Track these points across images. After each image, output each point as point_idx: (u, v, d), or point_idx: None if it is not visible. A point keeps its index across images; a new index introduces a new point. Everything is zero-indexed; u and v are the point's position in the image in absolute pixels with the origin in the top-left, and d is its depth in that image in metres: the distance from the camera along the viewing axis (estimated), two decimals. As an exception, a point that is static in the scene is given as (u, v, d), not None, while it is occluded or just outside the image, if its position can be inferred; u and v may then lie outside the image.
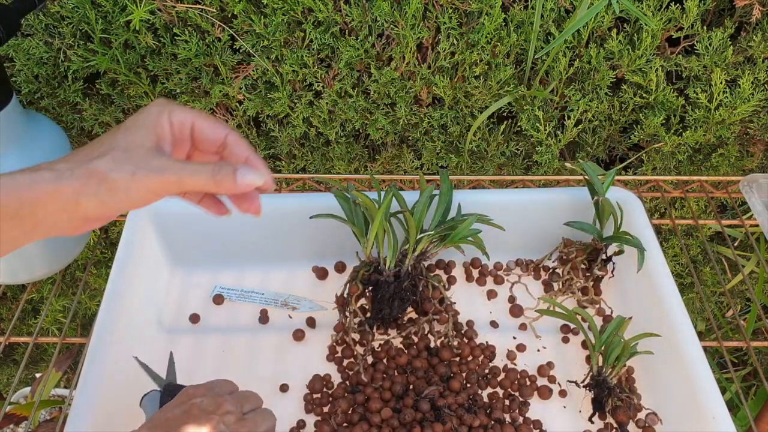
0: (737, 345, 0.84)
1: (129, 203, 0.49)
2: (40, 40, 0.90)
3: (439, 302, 0.78)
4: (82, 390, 0.67)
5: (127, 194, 0.48)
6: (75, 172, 0.48)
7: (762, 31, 0.90)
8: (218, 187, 0.50)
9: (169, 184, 0.49)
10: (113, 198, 0.48)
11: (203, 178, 0.49)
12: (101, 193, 0.48)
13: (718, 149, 1.03)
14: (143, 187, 0.48)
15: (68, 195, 0.47)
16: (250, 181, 0.50)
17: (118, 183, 0.48)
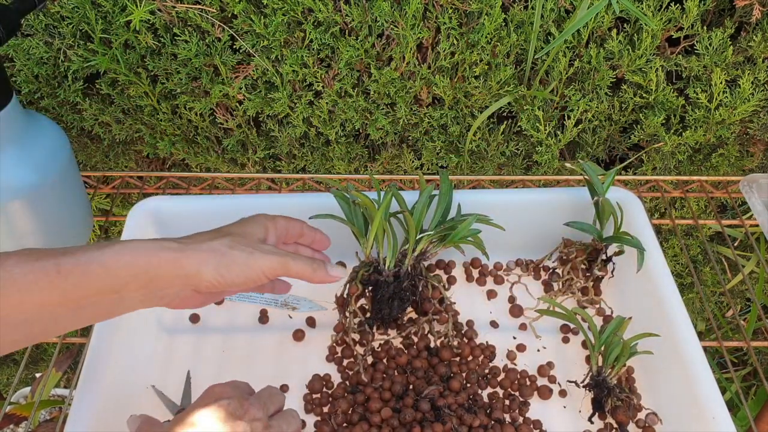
0: (737, 345, 0.84)
1: (242, 279, 0.57)
2: (40, 40, 0.90)
3: (439, 302, 0.78)
4: (82, 390, 0.67)
5: (242, 269, 0.57)
6: (198, 247, 0.56)
7: (762, 31, 0.90)
8: (313, 276, 0.61)
9: (277, 266, 0.58)
10: (230, 272, 0.56)
11: (303, 266, 0.60)
12: (221, 266, 0.56)
13: (718, 149, 1.03)
14: (257, 265, 0.57)
15: (191, 264, 0.55)
16: (337, 274, 0.63)
17: (237, 259, 0.57)
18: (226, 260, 0.56)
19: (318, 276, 0.61)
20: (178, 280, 0.55)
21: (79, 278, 0.51)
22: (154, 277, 0.54)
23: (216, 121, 1.00)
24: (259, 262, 0.58)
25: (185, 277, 0.55)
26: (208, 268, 0.56)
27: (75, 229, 0.86)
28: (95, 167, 1.09)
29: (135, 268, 0.54)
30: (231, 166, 1.07)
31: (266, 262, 0.58)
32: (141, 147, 1.06)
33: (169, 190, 1.01)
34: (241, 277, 0.57)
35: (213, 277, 0.56)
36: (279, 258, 0.59)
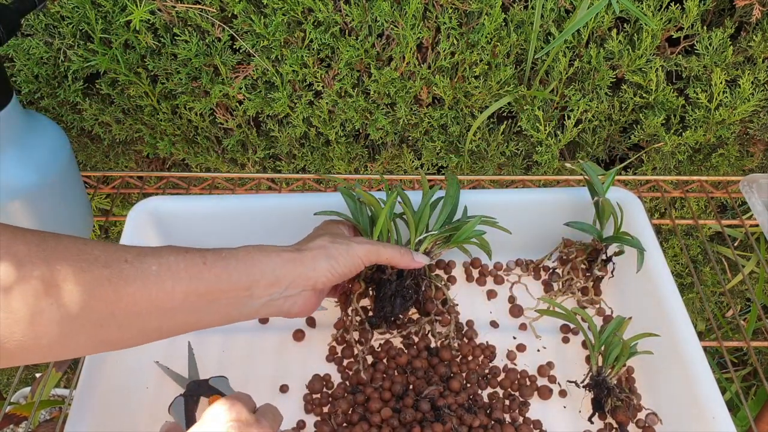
0: (737, 345, 0.84)
1: (347, 269, 0.63)
2: (40, 40, 0.90)
3: (442, 303, 0.78)
4: (82, 390, 0.67)
5: (346, 259, 0.63)
6: (308, 246, 0.63)
7: (762, 31, 0.90)
8: (401, 260, 0.68)
9: (372, 252, 0.65)
10: (338, 263, 0.63)
11: (392, 252, 0.67)
12: (330, 259, 0.62)
13: (718, 149, 1.03)
14: (355, 253, 0.64)
15: (307, 262, 0.61)
16: (421, 260, 0.70)
17: (340, 250, 0.63)
18: (333, 252, 0.63)
19: (405, 260, 0.68)
20: (299, 279, 0.60)
21: (221, 270, 0.56)
22: (280, 277, 0.59)
23: (216, 121, 1.00)
24: (357, 250, 0.64)
25: (305, 275, 0.61)
26: (321, 263, 0.62)
27: (75, 229, 0.86)
28: (95, 167, 1.09)
29: (264, 265, 0.58)
30: (231, 166, 1.07)
31: (363, 250, 0.65)
32: (141, 147, 1.06)
33: (169, 190, 1.01)
34: (347, 266, 0.63)
35: (327, 270, 0.62)
36: (372, 246, 0.66)
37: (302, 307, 0.63)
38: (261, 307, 0.60)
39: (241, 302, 0.58)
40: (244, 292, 0.58)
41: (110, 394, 0.69)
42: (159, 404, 0.73)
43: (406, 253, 0.69)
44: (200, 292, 0.55)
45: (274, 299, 0.60)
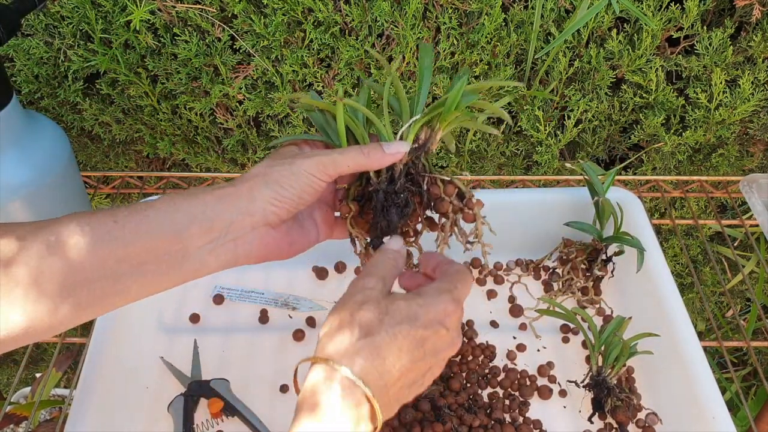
0: (737, 345, 0.84)
1: (297, 191, 0.54)
2: (40, 40, 0.90)
3: (458, 198, 0.61)
4: (82, 390, 0.67)
5: (290, 180, 0.53)
6: (243, 178, 0.54)
7: (762, 31, 0.90)
8: (369, 161, 0.56)
9: (324, 163, 0.54)
10: (282, 186, 0.53)
11: (353, 154, 0.55)
12: (270, 184, 0.53)
13: (718, 149, 1.03)
14: (301, 169, 0.53)
15: (243, 194, 0.53)
16: (396, 150, 0.57)
17: (282, 172, 0.53)
18: (274, 176, 0.53)
19: (374, 158, 0.56)
20: (240, 216, 0.52)
21: (136, 225, 0.49)
22: (214, 218, 0.51)
23: (216, 121, 1.00)
24: (302, 165, 0.54)
25: (245, 210, 0.52)
26: (261, 192, 0.53)
27: (75, 229, 0.86)
28: (95, 167, 1.09)
29: (192, 208, 0.51)
30: (231, 166, 1.07)
31: (311, 163, 0.54)
32: (141, 147, 1.06)
33: (169, 191, 1.01)
34: (296, 187, 0.54)
35: (270, 198, 0.53)
36: (323, 155, 0.55)
37: (262, 249, 0.54)
38: (207, 259, 0.52)
39: (175, 258, 0.50)
40: (175, 244, 0.50)
41: (110, 394, 0.69)
42: (158, 404, 0.73)
43: (373, 149, 0.56)
44: (118, 255, 0.48)
45: (220, 246, 0.52)
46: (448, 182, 0.60)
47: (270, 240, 0.54)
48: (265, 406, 0.74)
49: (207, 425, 0.72)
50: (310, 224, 0.60)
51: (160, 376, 0.76)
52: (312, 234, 0.60)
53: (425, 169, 0.61)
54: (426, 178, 0.60)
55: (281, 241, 0.56)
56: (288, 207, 0.54)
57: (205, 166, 1.07)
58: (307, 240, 0.59)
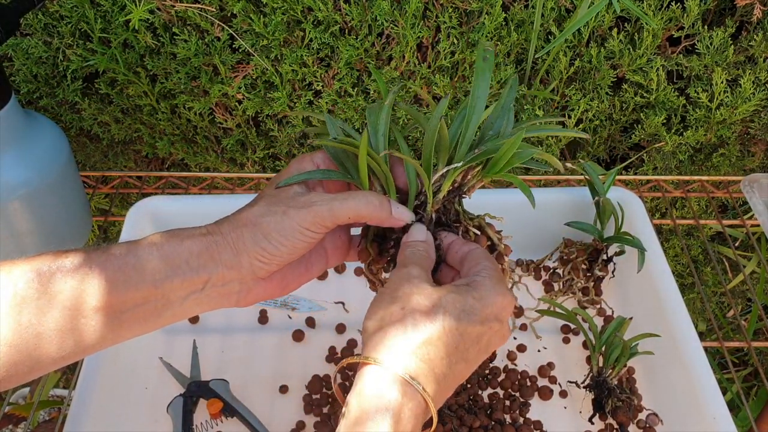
0: (738, 345, 0.84)
1: (287, 248, 0.49)
2: (38, 39, 0.90)
3: (489, 249, 0.55)
4: (81, 390, 0.67)
5: (280, 236, 0.48)
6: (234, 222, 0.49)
7: (763, 30, 0.90)
8: (373, 213, 0.51)
9: (320, 216, 0.49)
10: (270, 243, 0.48)
11: (358, 204, 0.50)
12: (258, 239, 0.48)
13: (719, 149, 1.03)
14: (293, 224, 0.48)
15: (225, 249, 0.48)
16: (401, 217, 0.52)
17: (271, 225, 0.48)
18: (262, 230, 0.48)
19: (377, 215, 0.50)
20: (224, 270, 0.48)
21: (113, 274, 0.46)
22: (198, 269, 0.48)
23: (215, 121, 0.99)
24: (296, 218, 0.48)
25: (230, 264, 0.48)
26: (246, 245, 0.48)
27: (74, 229, 0.86)
28: (94, 167, 1.09)
29: (175, 258, 0.47)
30: (230, 166, 1.07)
31: (305, 216, 0.48)
32: (140, 147, 1.06)
33: (168, 190, 1.01)
34: (286, 245, 0.48)
35: (257, 254, 0.48)
36: (319, 207, 0.48)
37: (252, 297, 0.51)
38: (190, 306, 0.49)
39: (155, 307, 0.48)
40: (155, 294, 0.47)
41: (109, 395, 0.69)
42: (158, 404, 0.73)
43: (381, 204, 0.50)
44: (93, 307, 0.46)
45: (203, 295, 0.49)
46: (480, 233, 0.55)
47: (260, 290, 0.51)
48: (264, 407, 0.73)
49: (206, 426, 0.72)
50: (316, 258, 0.56)
51: (159, 376, 0.76)
52: (317, 267, 0.56)
53: (457, 215, 0.55)
54: (460, 227, 0.54)
55: (274, 287, 0.52)
56: (278, 261, 0.50)
57: (204, 166, 1.07)
58: (309, 274, 0.55)
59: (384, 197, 0.52)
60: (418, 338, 0.43)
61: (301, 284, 0.55)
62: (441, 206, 0.54)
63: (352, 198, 0.50)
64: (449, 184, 0.53)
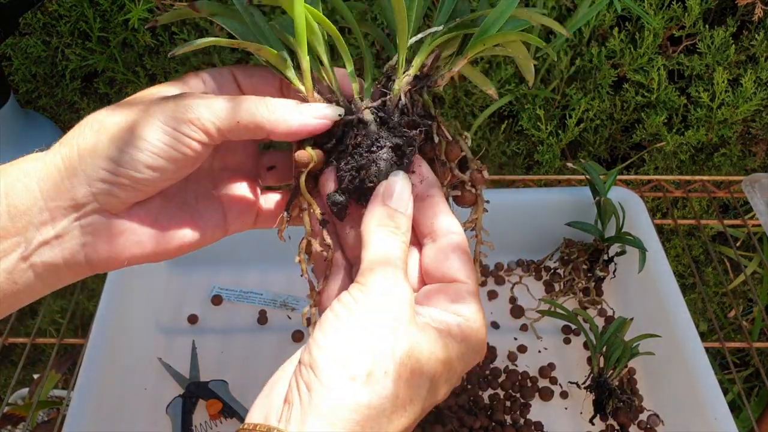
0: (739, 346, 0.83)
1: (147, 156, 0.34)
2: (37, 38, 0.90)
3: (459, 166, 0.43)
4: (80, 391, 0.67)
5: (136, 137, 0.35)
6: (65, 137, 0.36)
7: (764, 29, 0.90)
8: (272, 117, 0.36)
9: (195, 112, 0.35)
10: (121, 150, 0.34)
11: (250, 105, 0.36)
12: (102, 147, 0.34)
13: (721, 149, 1.03)
14: (157, 121, 0.35)
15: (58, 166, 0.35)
16: (318, 115, 0.37)
17: (122, 126, 0.35)
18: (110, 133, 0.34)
19: (282, 119, 0.36)
20: (52, 204, 0.34)
21: None
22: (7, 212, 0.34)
23: (215, 121, 0.99)
24: (156, 117, 0.34)
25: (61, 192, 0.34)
26: (86, 159, 0.34)
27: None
28: (94, 167, 1.09)
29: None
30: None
31: (172, 113, 0.34)
32: (140, 146, 1.05)
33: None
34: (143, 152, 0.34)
35: (102, 169, 0.34)
36: (196, 101, 0.35)
37: (116, 250, 0.36)
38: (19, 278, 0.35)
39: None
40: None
41: (108, 396, 0.69)
42: (157, 405, 0.73)
43: (282, 106, 0.37)
44: None
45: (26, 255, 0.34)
46: (453, 143, 0.42)
47: (120, 237, 0.36)
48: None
49: (205, 427, 0.72)
50: (206, 206, 0.40)
51: (159, 377, 0.76)
52: (208, 221, 0.40)
53: (427, 110, 0.41)
54: (432, 123, 0.41)
55: (144, 235, 0.36)
56: (137, 184, 0.34)
57: (204, 166, 1.07)
58: (199, 230, 0.39)
59: (285, 100, 0.37)
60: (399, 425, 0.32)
61: (188, 245, 0.39)
62: (410, 89, 0.40)
63: (245, 99, 0.36)
64: (424, 57, 0.40)
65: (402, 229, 0.36)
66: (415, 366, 0.32)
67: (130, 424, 0.71)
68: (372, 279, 0.34)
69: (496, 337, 0.80)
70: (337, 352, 0.31)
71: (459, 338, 0.35)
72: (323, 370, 0.31)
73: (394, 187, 0.37)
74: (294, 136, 0.37)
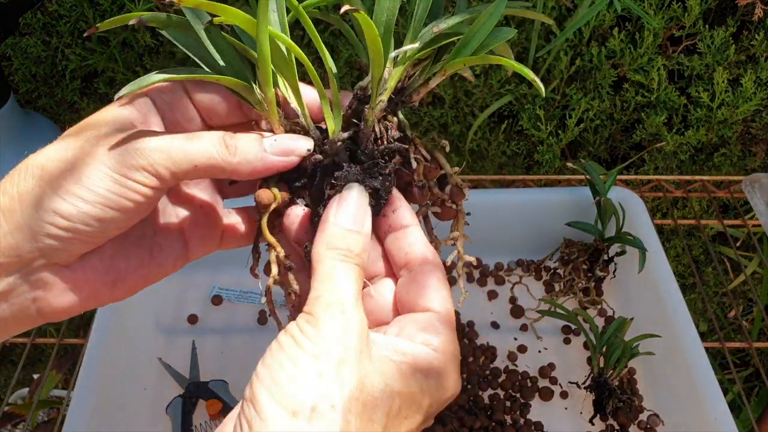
0: (739, 346, 0.83)
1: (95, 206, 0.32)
2: (37, 38, 0.90)
3: (438, 183, 0.41)
4: (80, 391, 0.67)
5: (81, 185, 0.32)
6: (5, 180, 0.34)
7: (764, 29, 0.90)
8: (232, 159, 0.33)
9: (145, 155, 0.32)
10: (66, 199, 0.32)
11: (206, 145, 0.33)
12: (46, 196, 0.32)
13: (720, 149, 1.03)
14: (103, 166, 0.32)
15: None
16: (286, 150, 0.35)
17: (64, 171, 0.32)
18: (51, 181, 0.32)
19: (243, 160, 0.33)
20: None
21: None
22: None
23: (215, 121, 0.99)
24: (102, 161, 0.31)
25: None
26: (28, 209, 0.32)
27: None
28: (94, 167, 1.09)
29: None
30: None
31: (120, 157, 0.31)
32: (140, 146, 1.05)
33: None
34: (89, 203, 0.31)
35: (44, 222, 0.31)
36: (146, 143, 0.31)
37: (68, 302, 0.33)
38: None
39: None
40: None
41: (108, 396, 0.69)
42: (157, 405, 0.73)
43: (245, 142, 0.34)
44: None
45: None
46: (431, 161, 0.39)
47: (72, 288, 0.33)
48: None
49: (205, 427, 0.72)
50: (165, 237, 0.37)
51: (159, 377, 0.76)
52: (169, 254, 0.37)
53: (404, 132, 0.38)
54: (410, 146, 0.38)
55: (96, 283, 0.34)
56: (87, 237, 0.32)
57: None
58: (158, 266, 0.37)
59: (247, 135, 0.34)
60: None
61: (146, 281, 0.37)
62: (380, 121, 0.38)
63: (202, 136, 0.33)
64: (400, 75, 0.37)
65: (355, 250, 0.33)
66: (367, 400, 0.30)
67: (130, 424, 0.71)
68: (319, 309, 0.31)
69: (496, 337, 0.80)
70: (279, 386, 0.29)
71: (425, 371, 0.33)
72: (264, 405, 0.29)
73: (347, 204, 0.34)
74: (258, 176, 0.35)
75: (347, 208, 0.34)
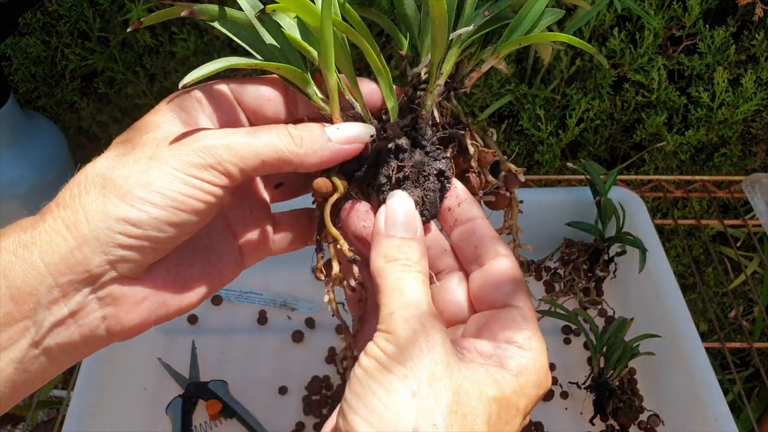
0: (740, 346, 0.83)
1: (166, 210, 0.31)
2: (37, 38, 0.90)
3: (492, 170, 0.40)
4: (80, 391, 0.67)
5: (151, 191, 0.31)
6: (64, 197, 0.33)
7: (765, 29, 0.90)
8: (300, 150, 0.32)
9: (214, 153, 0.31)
10: (134, 206, 0.30)
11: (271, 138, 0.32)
12: (112, 206, 0.30)
13: (721, 149, 1.03)
14: (171, 169, 0.31)
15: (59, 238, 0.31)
16: (352, 133, 0.33)
17: (131, 179, 0.31)
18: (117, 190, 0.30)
19: (310, 150, 0.33)
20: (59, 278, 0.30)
21: None
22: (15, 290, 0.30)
23: (215, 121, 0.99)
24: (170, 164, 0.30)
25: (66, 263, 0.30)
26: (95, 219, 0.30)
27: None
28: (93, 167, 1.09)
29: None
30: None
31: (187, 157, 0.30)
32: (139, 146, 1.05)
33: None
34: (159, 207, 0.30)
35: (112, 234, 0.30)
36: (211, 141, 0.31)
37: (138, 317, 0.33)
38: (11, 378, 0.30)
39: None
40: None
41: (108, 396, 0.69)
42: (156, 405, 0.73)
43: (308, 134, 0.33)
44: None
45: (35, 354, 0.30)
46: (485, 146, 0.39)
47: (142, 304, 0.32)
48: (263, 408, 0.73)
49: (205, 427, 0.72)
50: (221, 244, 0.37)
51: (158, 377, 0.76)
52: (227, 260, 0.37)
53: (457, 118, 0.38)
54: (464, 131, 0.38)
55: (164, 295, 0.33)
56: (158, 244, 0.31)
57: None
58: (219, 273, 0.37)
59: (311, 125, 0.33)
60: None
61: (209, 290, 0.37)
62: (437, 106, 0.37)
63: (263, 131, 0.32)
64: (455, 59, 0.36)
65: (414, 258, 0.32)
66: (466, 411, 0.29)
67: (130, 424, 0.71)
68: (397, 326, 0.30)
69: (496, 338, 0.80)
70: (376, 413, 0.28)
71: (514, 371, 0.32)
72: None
73: (395, 212, 0.33)
74: (325, 167, 0.34)
75: (396, 216, 0.33)
